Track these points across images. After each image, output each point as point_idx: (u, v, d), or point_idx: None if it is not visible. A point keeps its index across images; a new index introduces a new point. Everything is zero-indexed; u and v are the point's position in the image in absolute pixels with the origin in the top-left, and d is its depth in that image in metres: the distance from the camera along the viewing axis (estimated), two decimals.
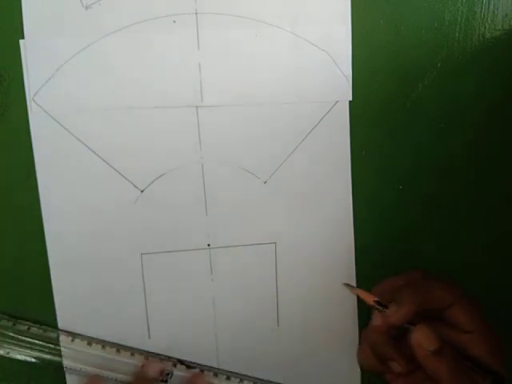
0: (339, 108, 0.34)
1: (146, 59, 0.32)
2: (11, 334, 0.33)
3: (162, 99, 0.32)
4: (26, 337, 0.34)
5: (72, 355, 0.34)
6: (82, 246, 0.33)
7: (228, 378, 0.36)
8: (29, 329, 0.34)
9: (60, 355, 0.34)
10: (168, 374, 0.35)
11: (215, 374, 0.35)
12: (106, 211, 0.33)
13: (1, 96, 0.31)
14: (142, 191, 0.33)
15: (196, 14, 0.31)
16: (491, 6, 0.34)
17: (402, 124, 0.35)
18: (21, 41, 0.31)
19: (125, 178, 0.33)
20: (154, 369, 0.33)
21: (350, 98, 0.34)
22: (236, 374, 0.36)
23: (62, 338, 0.34)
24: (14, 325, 0.34)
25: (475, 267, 0.38)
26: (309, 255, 0.36)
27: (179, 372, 0.35)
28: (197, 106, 0.33)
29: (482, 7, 0.34)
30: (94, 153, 0.32)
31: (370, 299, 0.32)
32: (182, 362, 0.35)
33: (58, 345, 0.34)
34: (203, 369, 0.35)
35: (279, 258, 0.36)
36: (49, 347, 0.34)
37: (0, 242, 0.33)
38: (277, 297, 0.36)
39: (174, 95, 0.32)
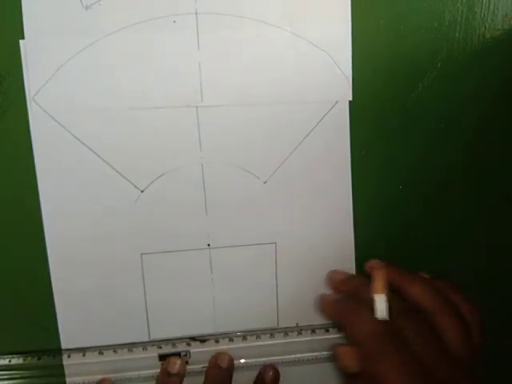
0: (339, 108, 0.34)
1: (146, 59, 0.32)
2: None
3: (162, 99, 0.32)
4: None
5: (83, 369, 0.35)
6: (81, 246, 0.33)
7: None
8: (39, 359, 0.34)
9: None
10: (186, 355, 0.35)
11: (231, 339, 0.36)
12: (106, 211, 0.33)
13: (1, 96, 0.31)
14: (142, 191, 0.33)
15: (196, 14, 0.31)
16: (491, 6, 0.34)
17: (402, 124, 0.35)
18: (21, 41, 0.31)
19: (125, 178, 0.33)
20: (175, 364, 0.34)
21: (350, 98, 0.34)
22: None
23: (73, 355, 0.34)
24: (24, 360, 0.34)
25: (475, 267, 0.38)
26: (309, 255, 0.36)
27: (196, 349, 0.35)
28: (197, 106, 0.33)
29: (481, 7, 0.34)
30: (94, 153, 0.32)
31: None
32: (194, 338, 0.35)
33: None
34: (217, 339, 0.35)
35: (279, 258, 0.36)
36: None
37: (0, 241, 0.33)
38: (277, 297, 0.36)
39: (174, 95, 0.32)
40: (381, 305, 0.29)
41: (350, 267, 0.36)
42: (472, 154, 0.36)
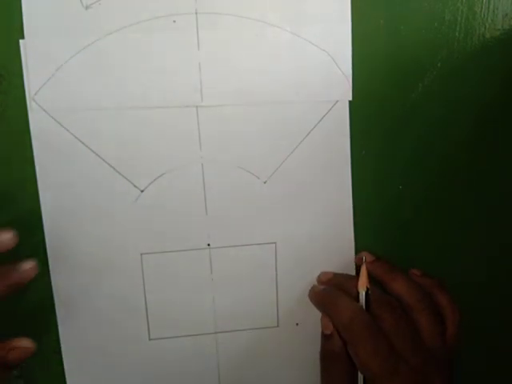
0: (339, 108, 0.34)
1: (146, 59, 0.32)
2: None
3: (162, 99, 0.32)
4: None
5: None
6: (81, 246, 0.33)
7: None
8: None
9: None
10: None
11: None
12: (105, 211, 0.33)
13: (1, 96, 0.31)
14: (142, 191, 0.33)
15: (196, 13, 0.31)
16: (491, 6, 0.34)
17: (401, 124, 0.35)
18: (21, 41, 0.31)
19: (125, 178, 0.33)
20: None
21: (350, 98, 0.34)
22: None
23: None
24: None
25: (475, 267, 0.38)
26: (309, 255, 0.36)
27: None
28: (197, 106, 0.33)
29: (481, 7, 0.34)
30: (94, 153, 0.32)
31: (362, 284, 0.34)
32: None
33: None
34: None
35: (279, 258, 0.36)
36: None
37: None
38: (277, 297, 0.36)
39: (174, 95, 0.32)
40: (361, 298, 0.32)
41: (350, 267, 0.36)
42: (472, 153, 0.36)
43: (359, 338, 0.30)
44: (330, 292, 0.34)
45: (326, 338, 0.33)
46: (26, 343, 0.30)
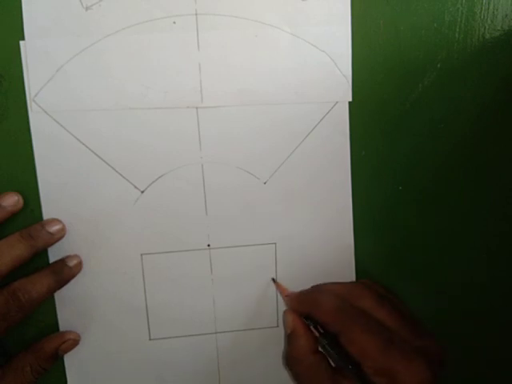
0: (339, 108, 0.34)
1: (146, 60, 0.32)
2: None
3: (162, 100, 0.32)
4: None
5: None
6: (82, 246, 0.33)
7: None
8: None
9: None
10: None
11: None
12: (106, 212, 0.33)
13: (1, 97, 0.31)
14: (142, 192, 0.33)
15: (196, 14, 0.31)
16: (491, 7, 0.34)
17: (401, 124, 0.35)
18: (21, 42, 0.31)
19: (125, 178, 0.33)
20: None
21: (350, 99, 0.34)
22: None
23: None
24: None
25: (475, 267, 0.38)
26: (309, 255, 0.36)
27: None
28: (197, 107, 0.33)
29: (481, 8, 0.34)
30: (94, 153, 0.33)
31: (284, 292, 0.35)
32: None
33: None
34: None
35: (279, 258, 0.36)
36: None
37: None
38: (277, 297, 0.36)
39: (174, 96, 0.32)
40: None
41: (350, 266, 0.36)
42: (472, 154, 0.36)
43: (349, 321, 0.30)
44: (308, 294, 0.33)
45: (292, 338, 0.32)
46: (75, 335, 0.34)
